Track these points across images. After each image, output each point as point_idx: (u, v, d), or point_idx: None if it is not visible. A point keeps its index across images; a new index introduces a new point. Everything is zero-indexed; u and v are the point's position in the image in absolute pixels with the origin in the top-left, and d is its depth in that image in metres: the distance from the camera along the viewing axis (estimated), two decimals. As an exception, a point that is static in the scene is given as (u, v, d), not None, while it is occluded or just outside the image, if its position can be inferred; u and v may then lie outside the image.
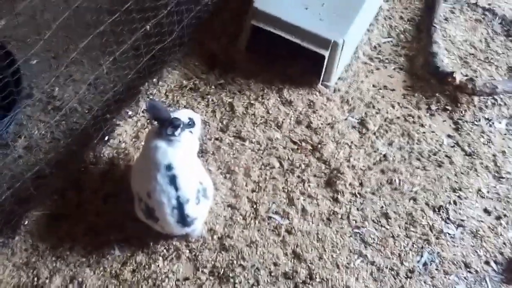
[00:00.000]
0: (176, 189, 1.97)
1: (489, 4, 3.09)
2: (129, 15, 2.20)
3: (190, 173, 2.05)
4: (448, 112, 2.65)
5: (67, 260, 2.06)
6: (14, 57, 2.41)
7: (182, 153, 2.04)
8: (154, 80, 2.62)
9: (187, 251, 2.12)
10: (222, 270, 2.09)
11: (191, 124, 2.10)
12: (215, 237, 2.17)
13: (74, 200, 2.22)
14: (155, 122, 2.05)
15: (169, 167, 1.97)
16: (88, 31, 2.15)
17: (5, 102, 2.08)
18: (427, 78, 2.75)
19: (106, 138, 2.37)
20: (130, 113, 2.49)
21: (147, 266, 2.07)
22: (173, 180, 1.97)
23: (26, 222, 2.12)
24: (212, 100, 2.60)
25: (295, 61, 2.74)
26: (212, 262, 2.10)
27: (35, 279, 2.01)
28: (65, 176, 2.24)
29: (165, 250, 2.12)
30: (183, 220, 2.02)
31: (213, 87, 2.65)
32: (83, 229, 2.15)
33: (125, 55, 2.34)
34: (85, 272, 2.03)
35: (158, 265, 2.07)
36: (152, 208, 2.00)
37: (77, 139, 2.28)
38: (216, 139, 2.47)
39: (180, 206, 1.99)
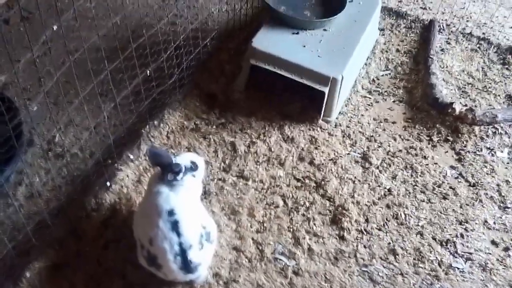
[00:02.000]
0: (179, 235, 1.94)
1: (484, 34, 3.13)
2: (129, 61, 2.21)
3: (193, 217, 2.03)
4: (450, 143, 2.65)
5: (71, 312, 2.03)
6: (14, 104, 2.43)
7: (184, 198, 2.02)
8: (155, 122, 2.62)
9: (194, 298, 2.09)
10: (230, 316, 2.05)
11: (193, 168, 2.09)
12: (220, 282, 2.13)
13: (73, 248, 2.18)
14: (158, 167, 2.04)
15: (171, 213, 1.95)
16: (88, 78, 2.16)
17: (6, 152, 2.08)
18: (426, 110, 2.76)
19: (108, 183, 2.35)
20: (131, 157, 2.48)
21: (153, 316, 2.04)
22: (175, 226, 1.94)
23: (28, 275, 2.07)
24: (214, 140, 2.60)
25: (295, 98, 2.75)
26: (219, 308, 2.07)
27: (40, 333, 1.97)
28: (66, 225, 2.22)
29: (171, 298, 2.08)
30: (187, 266, 1.98)
31: (214, 126, 2.66)
32: (84, 278, 2.11)
33: (125, 100, 2.35)
34: (89, 324, 2.00)
35: (165, 314, 2.04)
36: (155, 255, 1.97)
37: (78, 186, 2.26)
38: (219, 179, 2.46)
39: (183, 253, 1.95)
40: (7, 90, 2.67)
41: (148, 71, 2.31)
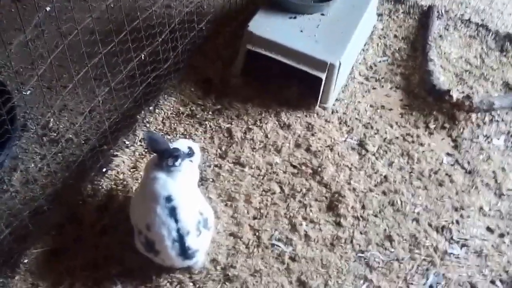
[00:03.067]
0: (176, 221, 1.94)
1: (482, 20, 3.11)
2: (124, 45, 2.18)
3: (190, 204, 2.02)
4: (447, 130, 2.65)
5: (68, 297, 2.02)
6: (7, 88, 2.39)
7: (182, 184, 2.01)
8: (151, 108, 2.59)
9: (191, 283, 2.08)
10: (227, 301, 2.06)
11: (190, 153, 2.07)
12: (218, 267, 2.13)
13: (72, 234, 2.17)
14: (154, 154, 2.02)
15: (168, 199, 1.94)
16: (82, 61, 2.12)
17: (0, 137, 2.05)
18: (423, 96, 2.75)
19: (104, 169, 2.34)
20: (127, 142, 2.46)
21: (150, 301, 2.04)
22: (173, 212, 1.94)
23: (26, 261, 2.07)
24: (210, 126, 2.58)
25: (292, 84, 2.73)
26: (217, 294, 2.07)
27: (36, 318, 1.97)
28: (63, 210, 2.20)
29: (168, 284, 2.07)
30: (184, 253, 1.98)
31: (210, 112, 2.63)
32: (82, 264, 2.10)
33: (120, 84, 2.32)
34: (87, 309, 1.99)
35: (162, 299, 2.04)
36: (152, 240, 1.97)
37: (74, 172, 2.24)
38: (216, 166, 2.44)
39: (180, 239, 1.95)
40: (-1, 75, 2.63)
41: (143, 55, 2.27)
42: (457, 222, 2.33)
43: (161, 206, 1.93)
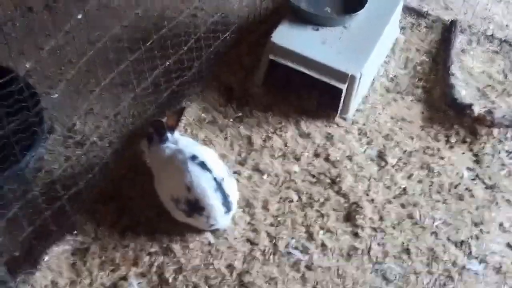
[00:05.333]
0: (210, 171, 2.09)
1: (506, 36, 3.09)
2: (150, 53, 2.24)
3: (211, 155, 2.19)
4: (468, 144, 2.63)
5: (86, 297, 2.06)
6: (36, 91, 2.47)
7: (191, 143, 2.21)
8: (174, 114, 2.65)
9: (206, 287, 2.10)
10: (242, 307, 2.07)
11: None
12: (234, 273, 2.15)
13: (91, 234, 2.22)
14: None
15: (194, 157, 2.11)
16: (109, 67, 2.19)
17: (27, 139, 2.12)
18: (445, 110, 2.74)
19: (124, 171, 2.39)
20: (149, 147, 2.51)
21: (166, 304, 2.06)
22: (203, 166, 2.09)
23: (46, 258, 2.12)
24: (230, 133, 2.62)
25: (312, 94, 2.75)
26: (232, 299, 2.09)
27: (55, 316, 2.01)
28: (84, 210, 2.26)
29: (184, 287, 2.10)
30: (226, 200, 2.12)
31: (231, 120, 2.67)
32: (101, 263, 2.15)
33: (145, 91, 2.37)
34: (104, 309, 2.03)
35: (177, 302, 2.06)
36: (195, 199, 2.08)
37: (97, 174, 2.30)
38: (235, 172, 2.47)
39: (219, 186, 2.10)
40: (28, 78, 2.71)
41: (167, 63, 2.33)
42: (477, 237, 2.31)
43: (191, 164, 2.07)
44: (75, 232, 2.21)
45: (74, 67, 1.94)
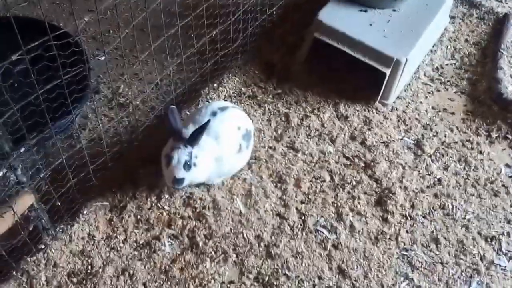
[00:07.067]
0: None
1: (560, 33, 2.99)
2: (199, 20, 2.27)
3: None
4: (509, 141, 2.58)
5: (120, 252, 2.14)
6: (85, 52, 2.54)
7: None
8: (215, 85, 2.69)
9: (234, 255, 2.16)
10: (267, 277, 2.11)
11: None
12: (262, 244, 2.20)
13: (130, 193, 2.30)
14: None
15: (240, 128, 2.25)
16: (156, 33, 2.23)
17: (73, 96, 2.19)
18: (489, 104, 2.69)
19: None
20: (188, 114, 2.56)
21: (195, 266, 2.12)
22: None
23: (85, 212, 2.21)
24: (269, 109, 2.64)
25: (353, 77, 2.74)
26: (258, 269, 2.13)
27: (89, 267, 2.10)
28: (125, 170, 2.34)
29: (213, 252, 2.16)
30: None
31: (270, 96, 2.69)
32: (136, 222, 2.23)
33: (190, 58, 2.41)
34: (136, 265, 2.10)
35: (206, 266, 2.12)
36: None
37: (139, 135, 2.37)
38: (270, 147, 2.50)
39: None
40: (77, 38, 2.78)
41: (214, 32, 2.35)
42: (508, 234, 2.28)
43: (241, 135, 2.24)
44: (114, 189, 2.29)
45: (121, 31, 1.98)
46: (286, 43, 2.90)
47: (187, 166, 2.10)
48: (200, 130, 2.07)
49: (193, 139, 2.09)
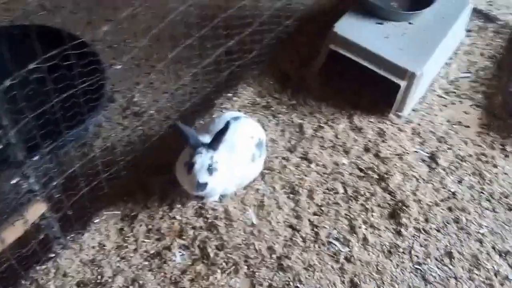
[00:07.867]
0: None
1: None
2: (215, 31, 2.29)
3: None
4: (524, 155, 2.55)
5: (131, 262, 2.13)
6: (101, 61, 2.57)
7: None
8: (229, 94, 2.70)
9: (245, 266, 2.14)
10: (278, 290, 2.10)
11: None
12: (273, 256, 2.18)
13: (142, 202, 2.31)
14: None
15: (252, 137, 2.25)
16: (172, 43, 2.25)
17: (88, 105, 2.21)
18: (504, 118, 2.67)
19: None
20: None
21: (205, 277, 2.11)
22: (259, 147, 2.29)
23: (96, 220, 2.22)
24: (283, 120, 2.64)
25: (368, 88, 2.73)
26: (269, 281, 2.11)
27: (99, 277, 2.09)
28: (137, 179, 2.34)
29: (224, 263, 2.15)
30: None
31: (284, 107, 2.69)
32: (147, 231, 2.23)
33: (205, 68, 2.43)
34: (146, 275, 2.09)
35: (216, 277, 2.11)
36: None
37: (152, 145, 2.38)
38: (283, 158, 2.50)
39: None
40: (94, 47, 2.82)
41: (232, 41, 2.37)
42: (524, 250, 2.25)
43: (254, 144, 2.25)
44: (126, 198, 2.30)
45: (138, 41, 2.00)
46: (302, 55, 2.90)
47: (210, 170, 2.08)
48: (222, 132, 2.06)
49: (216, 142, 2.08)
